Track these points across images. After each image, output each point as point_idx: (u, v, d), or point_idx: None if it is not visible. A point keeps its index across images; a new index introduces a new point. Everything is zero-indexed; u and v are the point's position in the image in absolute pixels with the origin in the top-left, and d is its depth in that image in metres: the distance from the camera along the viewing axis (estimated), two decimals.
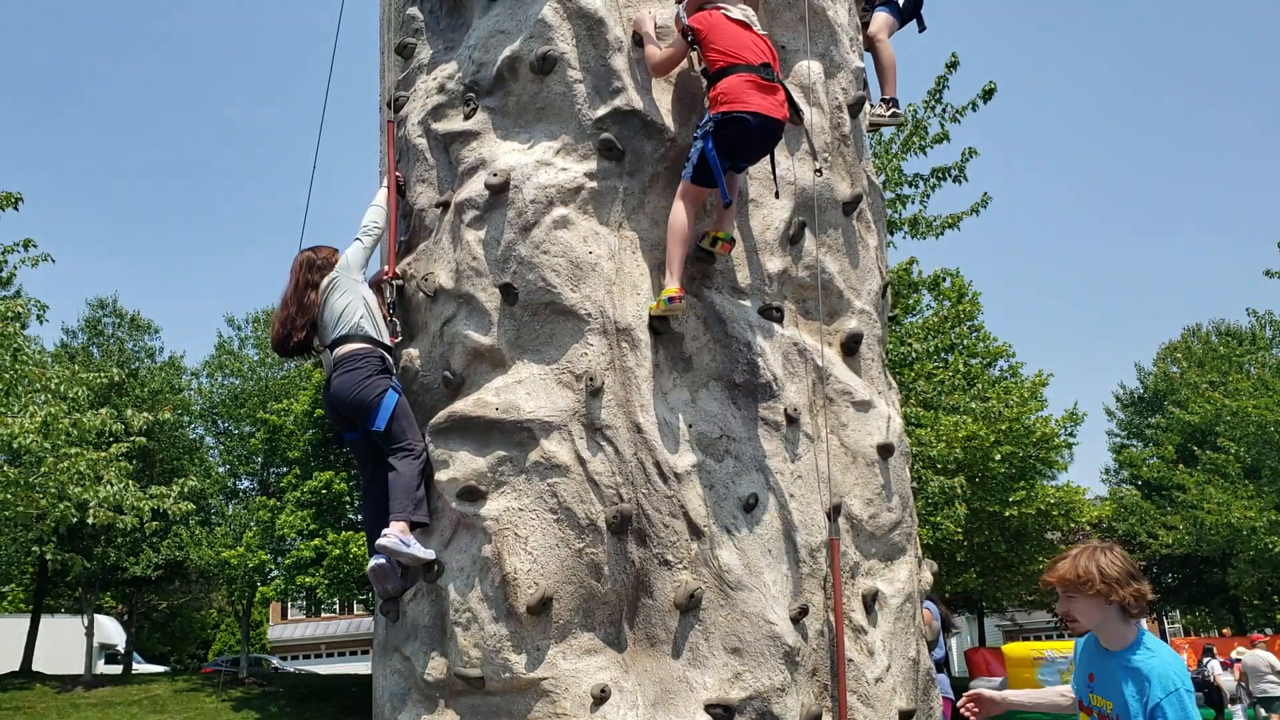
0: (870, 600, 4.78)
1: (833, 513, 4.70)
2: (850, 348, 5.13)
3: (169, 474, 24.10)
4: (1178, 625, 44.71)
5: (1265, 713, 17.65)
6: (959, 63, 14.71)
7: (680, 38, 4.71)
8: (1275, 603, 30.82)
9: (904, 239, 15.48)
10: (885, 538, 5.00)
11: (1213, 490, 25.81)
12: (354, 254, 5.00)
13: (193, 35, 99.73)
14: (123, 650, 32.25)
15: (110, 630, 35.09)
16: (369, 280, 5.12)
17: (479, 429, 4.59)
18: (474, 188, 4.85)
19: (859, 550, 4.88)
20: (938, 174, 15.07)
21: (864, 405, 5.06)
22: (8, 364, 13.56)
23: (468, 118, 5.02)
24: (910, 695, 4.81)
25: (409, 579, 4.72)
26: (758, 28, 4.77)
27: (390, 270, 5.13)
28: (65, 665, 29.36)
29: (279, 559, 24.99)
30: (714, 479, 4.51)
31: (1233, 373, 28.62)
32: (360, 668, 37.65)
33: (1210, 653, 19.16)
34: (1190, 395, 29.59)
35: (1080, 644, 3.59)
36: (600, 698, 4.24)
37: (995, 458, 19.45)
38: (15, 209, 13.94)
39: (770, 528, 4.53)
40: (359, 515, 21.96)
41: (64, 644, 31.30)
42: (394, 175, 5.27)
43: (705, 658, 4.30)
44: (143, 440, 17.10)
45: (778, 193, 4.85)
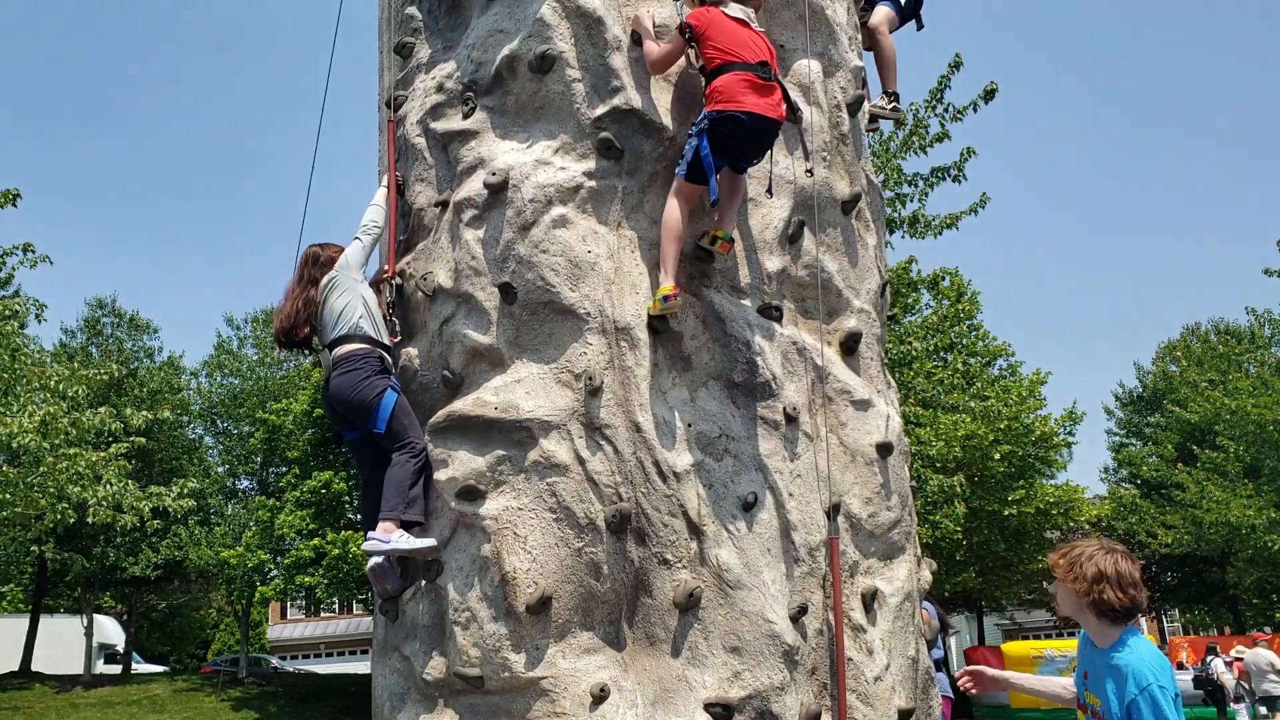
0: (869, 599, 4.78)
1: (832, 512, 4.70)
2: (849, 347, 5.13)
3: (168, 474, 24.10)
4: (1177, 624, 44.73)
5: (1267, 711, 17.66)
6: (962, 63, 14.65)
7: (677, 34, 4.71)
8: (1274, 601, 30.83)
9: (901, 239, 15.48)
10: (884, 536, 5.00)
11: (1212, 489, 25.83)
12: (353, 253, 5.00)
13: (192, 35, 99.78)
14: (122, 650, 32.25)
15: (109, 630, 35.08)
16: (370, 280, 5.12)
17: (478, 428, 4.59)
18: (473, 187, 4.84)
19: (858, 549, 4.88)
20: (937, 173, 15.06)
21: (863, 404, 5.06)
22: (6, 363, 13.55)
23: (466, 117, 5.02)
24: (909, 694, 4.81)
25: (408, 578, 4.72)
26: (756, 25, 4.76)
27: (390, 270, 5.13)
28: (64, 665, 29.35)
29: (278, 559, 24.99)
30: (713, 478, 4.51)
31: (1232, 371, 28.65)
32: (360, 667, 37.63)
33: (1214, 651, 19.18)
34: (1189, 394, 29.61)
35: (1080, 642, 3.61)
36: (599, 697, 4.24)
37: (994, 457, 19.48)
38: (14, 205, 13.94)
39: (769, 527, 4.53)
40: (358, 515, 21.86)
41: (63, 644, 31.29)
42: (393, 175, 5.26)
43: (704, 657, 4.30)
44: (142, 440, 17.09)
45: (770, 190, 4.85)
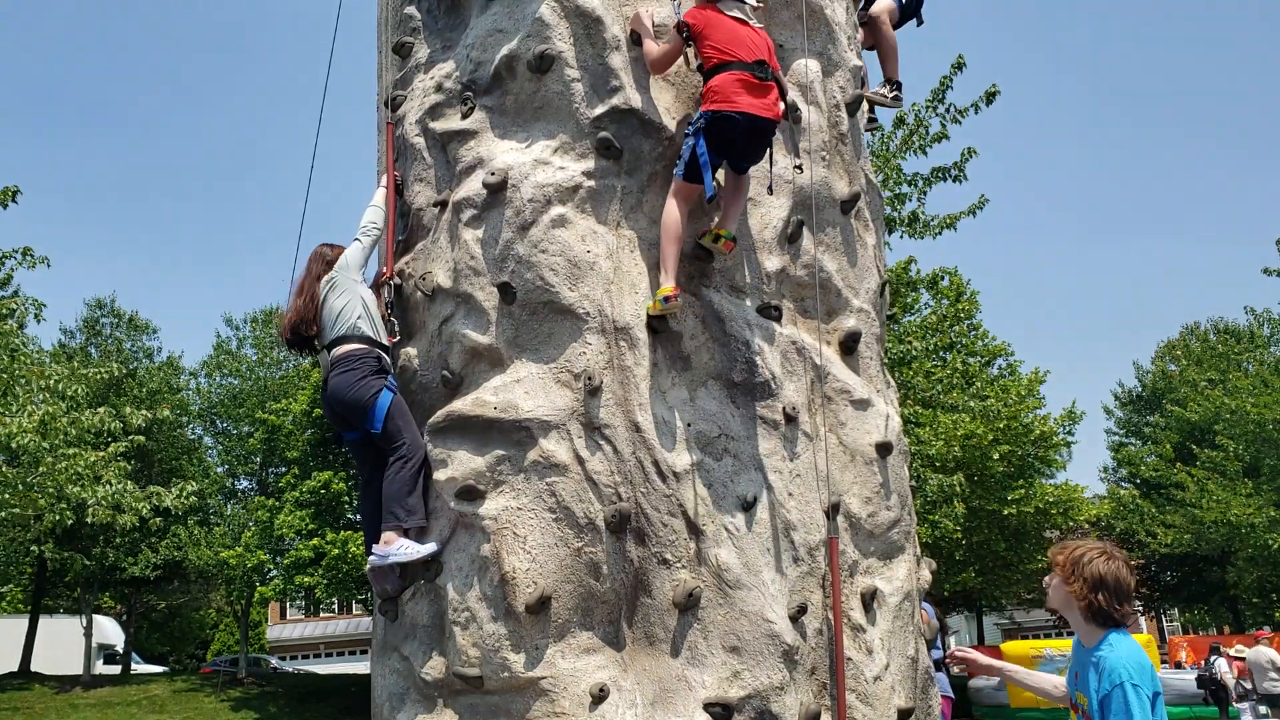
0: (869, 599, 4.78)
1: (831, 511, 4.69)
2: (849, 346, 5.13)
3: (168, 474, 24.10)
4: (1176, 624, 44.74)
5: (1266, 710, 17.66)
6: (965, 64, 14.59)
7: (675, 33, 4.71)
8: (1274, 600, 30.84)
9: (901, 239, 15.48)
10: (884, 536, 5.00)
11: (1212, 488, 25.83)
12: (352, 254, 5.01)
13: (192, 35, 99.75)
14: (121, 650, 32.23)
15: (109, 630, 35.06)
16: (371, 283, 5.12)
17: (477, 428, 4.59)
18: (472, 187, 4.84)
19: (857, 549, 4.88)
20: (937, 173, 15.03)
21: (862, 404, 5.06)
22: (6, 364, 13.55)
23: (465, 117, 5.02)
24: (909, 693, 4.80)
25: (408, 578, 4.72)
26: (755, 23, 4.75)
27: (389, 270, 5.12)
28: (64, 666, 29.33)
29: (278, 559, 24.98)
30: (712, 478, 4.51)
31: (1231, 371, 28.66)
32: (359, 667, 37.63)
33: (1217, 651, 19.20)
34: (1189, 393, 29.63)
35: (1074, 643, 3.65)
36: (599, 697, 4.24)
37: (994, 456, 19.49)
38: (14, 201, 13.94)
39: (769, 526, 4.52)
40: (357, 515, 21.95)
41: (62, 644, 31.26)
42: (392, 175, 5.26)
43: (704, 656, 4.30)
44: (141, 439, 17.08)
45: (771, 189, 4.85)
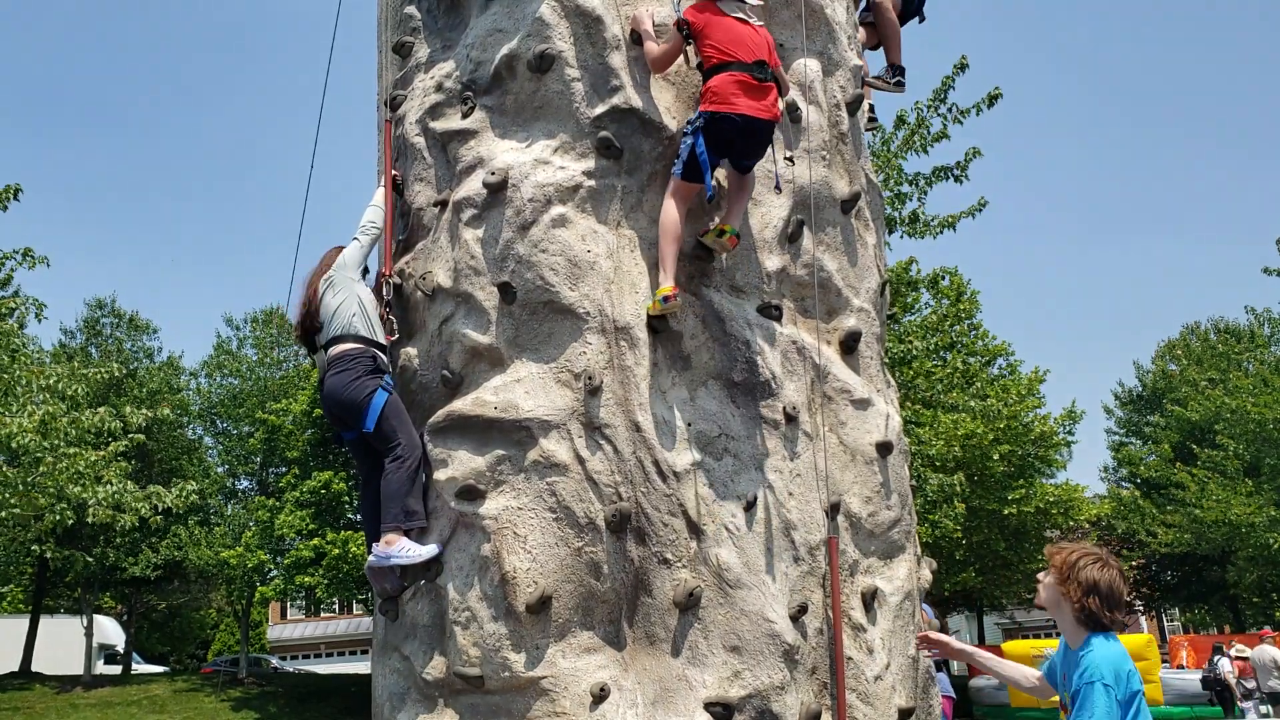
0: (869, 598, 4.78)
1: (831, 511, 4.69)
2: (849, 346, 5.13)
3: (168, 474, 24.09)
4: (1177, 623, 44.72)
5: (1268, 710, 17.67)
6: (968, 65, 14.55)
7: (675, 31, 4.70)
8: (1274, 600, 30.81)
9: (901, 239, 15.48)
10: (884, 536, 5.00)
11: (1212, 488, 25.83)
12: (351, 253, 5.01)
13: (192, 35, 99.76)
14: (122, 650, 32.22)
15: (109, 630, 35.06)
16: (374, 283, 5.12)
17: (478, 428, 4.59)
18: (472, 186, 4.84)
19: (858, 548, 4.88)
20: (939, 172, 15.02)
21: (863, 403, 5.06)
22: (6, 364, 13.55)
23: (465, 116, 5.02)
24: (909, 693, 4.81)
25: (407, 578, 4.72)
26: (756, 21, 4.75)
27: (387, 269, 5.12)
28: (64, 666, 29.33)
29: (278, 559, 24.98)
30: (713, 477, 4.51)
31: (1231, 370, 28.64)
32: (360, 667, 37.62)
33: (1220, 650, 19.24)
34: (1189, 393, 29.61)
35: (1060, 645, 3.70)
36: (600, 696, 4.24)
37: (994, 456, 19.49)
38: (15, 200, 13.96)
39: (769, 526, 4.52)
40: (358, 515, 21.93)
41: (63, 644, 31.27)
42: (390, 175, 5.26)
43: (704, 656, 4.30)
44: (141, 438, 17.08)
45: (778, 186, 4.86)
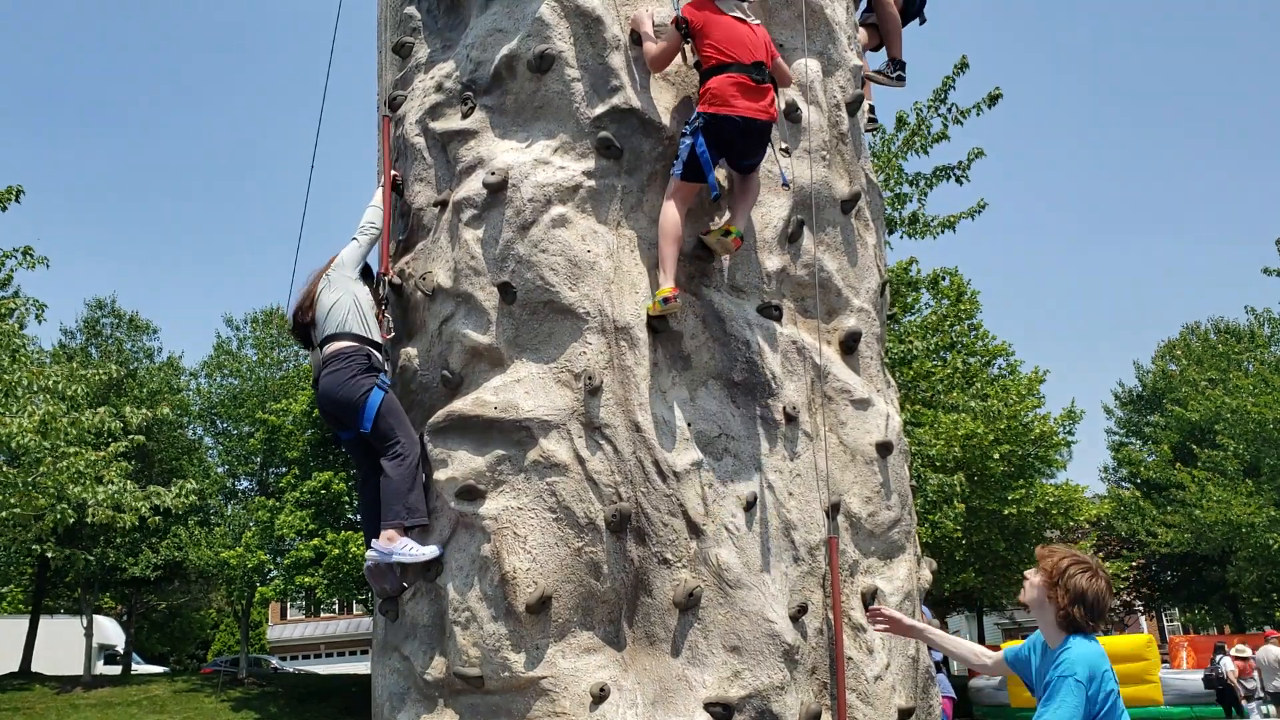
0: (869, 598, 4.78)
1: (831, 511, 4.69)
2: (849, 346, 5.13)
3: (168, 474, 24.09)
4: (1177, 624, 44.70)
5: (1271, 710, 17.68)
6: (968, 65, 14.53)
7: (673, 30, 4.70)
8: (1274, 600, 30.81)
9: (901, 239, 15.46)
10: (884, 536, 5.00)
11: (1212, 488, 25.82)
12: (349, 252, 5.02)
13: (192, 35, 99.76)
14: (122, 651, 32.22)
15: (109, 631, 35.06)
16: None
17: (478, 428, 4.59)
18: (472, 186, 4.84)
19: (858, 548, 4.88)
20: (940, 172, 15.00)
21: (863, 403, 5.06)
22: (6, 364, 13.55)
23: (465, 116, 5.02)
24: (909, 693, 4.81)
25: (407, 578, 4.72)
26: (753, 20, 4.75)
27: (384, 267, 5.13)
28: (64, 666, 29.33)
29: (278, 559, 24.99)
30: (713, 477, 4.50)
31: (1232, 370, 28.64)
32: (360, 667, 37.61)
33: (1222, 650, 19.27)
34: (1189, 393, 29.60)
35: (1038, 645, 3.72)
36: (599, 696, 4.24)
37: (994, 456, 19.49)
38: (17, 201, 13.98)
39: (769, 526, 4.52)
40: (358, 515, 21.95)
41: (63, 645, 31.27)
42: (390, 174, 5.26)
43: (704, 656, 4.30)
44: (141, 439, 17.09)
45: (786, 183, 4.86)
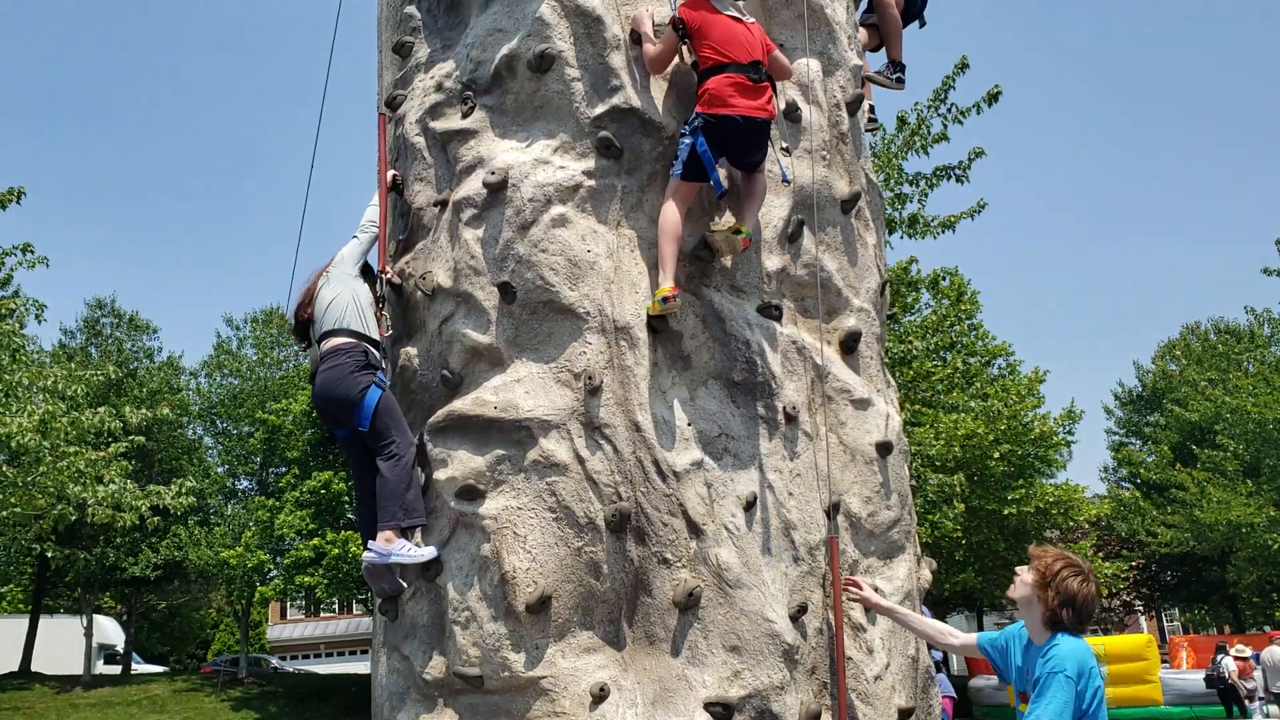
0: None
1: (831, 511, 4.69)
2: (849, 346, 5.13)
3: (168, 474, 24.09)
4: (1177, 624, 44.71)
5: (1274, 710, 17.70)
6: (969, 65, 14.49)
7: (671, 30, 4.70)
8: (1274, 600, 30.83)
9: (901, 239, 15.46)
10: (884, 536, 5.00)
11: (1212, 488, 25.83)
12: (349, 250, 5.03)
13: (192, 35, 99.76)
14: (122, 650, 32.22)
15: (109, 630, 35.06)
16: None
17: (477, 428, 4.59)
18: (472, 186, 4.84)
19: (858, 548, 4.88)
20: (940, 172, 14.99)
21: (863, 403, 5.06)
22: (6, 364, 13.56)
23: (465, 116, 5.02)
24: (909, 693, 4.80)
25: (406, 578, 4.72)
26: (749, 19, 4.75)
27: (381, 266, 5.13)
28: (64, 666, 29.33)
29: (278, 559, 25.00)
30: (713, 477, 4.50)
31: (1231, 370, 28.64)
32: (360, 667, 37.61)
33: (1223, 650, 19.30)
34: (1189, 393, 29.61)
35: (1019, 638, 3.77)
36: (599, 696, 4.24)
37: (994, 456, 19.48)
38: (18, 203, 13.98)
39: (769, 526, 4.52)
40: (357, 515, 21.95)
41: (63, 644, 31.26)
42: (386, 173, 5.26)
43: (704, 656, 4.30)
44: (141, 439, 17.09)
45: (786, 178, 4.87)
